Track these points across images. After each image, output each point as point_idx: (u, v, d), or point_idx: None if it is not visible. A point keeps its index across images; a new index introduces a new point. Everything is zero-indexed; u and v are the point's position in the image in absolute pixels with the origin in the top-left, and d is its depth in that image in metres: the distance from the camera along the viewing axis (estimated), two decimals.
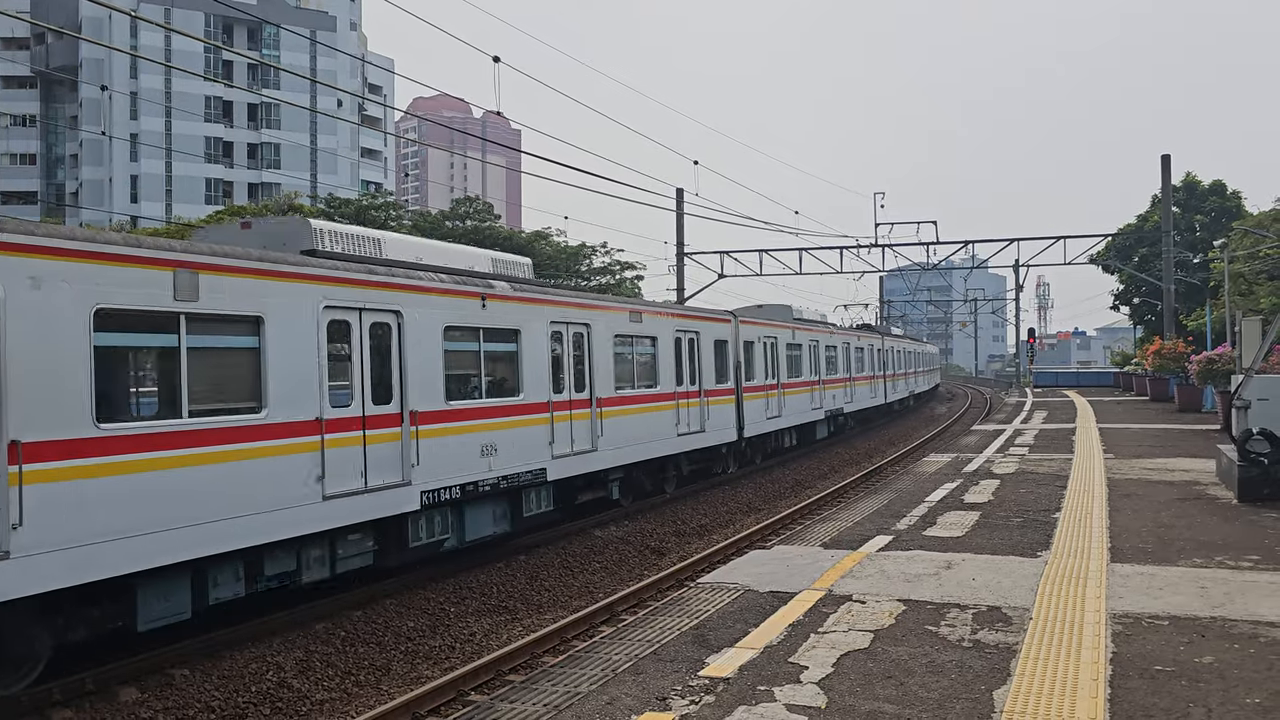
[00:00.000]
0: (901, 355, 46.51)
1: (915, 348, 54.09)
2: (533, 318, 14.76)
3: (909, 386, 48.52)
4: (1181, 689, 6.04)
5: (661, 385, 19.11)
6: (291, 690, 9.19)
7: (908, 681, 6.31)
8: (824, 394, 30.05)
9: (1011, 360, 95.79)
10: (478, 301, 13.56)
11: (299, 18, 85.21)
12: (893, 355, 43.36)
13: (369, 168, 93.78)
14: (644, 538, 16.34)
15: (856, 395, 34.52)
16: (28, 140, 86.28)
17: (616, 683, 6.55)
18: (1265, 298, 33.29)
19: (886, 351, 41.77)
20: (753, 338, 24.36)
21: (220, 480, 9.31)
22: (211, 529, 9.18)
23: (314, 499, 10.37)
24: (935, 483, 16.34)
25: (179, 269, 9.09)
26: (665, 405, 19.20)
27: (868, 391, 36.79)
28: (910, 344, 52.58)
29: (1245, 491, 13.19)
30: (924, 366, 56.22)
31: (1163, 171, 39.27)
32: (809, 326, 29.70)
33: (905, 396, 47.48)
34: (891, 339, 45.64)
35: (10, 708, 8.11)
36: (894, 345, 44.88)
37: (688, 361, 20.46)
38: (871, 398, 37.60)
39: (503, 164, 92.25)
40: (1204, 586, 8.64)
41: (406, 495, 11.78)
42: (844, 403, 32.47)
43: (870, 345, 38.20)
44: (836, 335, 32.69)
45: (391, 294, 11.90)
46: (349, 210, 51.48)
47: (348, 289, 11.18)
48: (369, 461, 11.20)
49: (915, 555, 10.35)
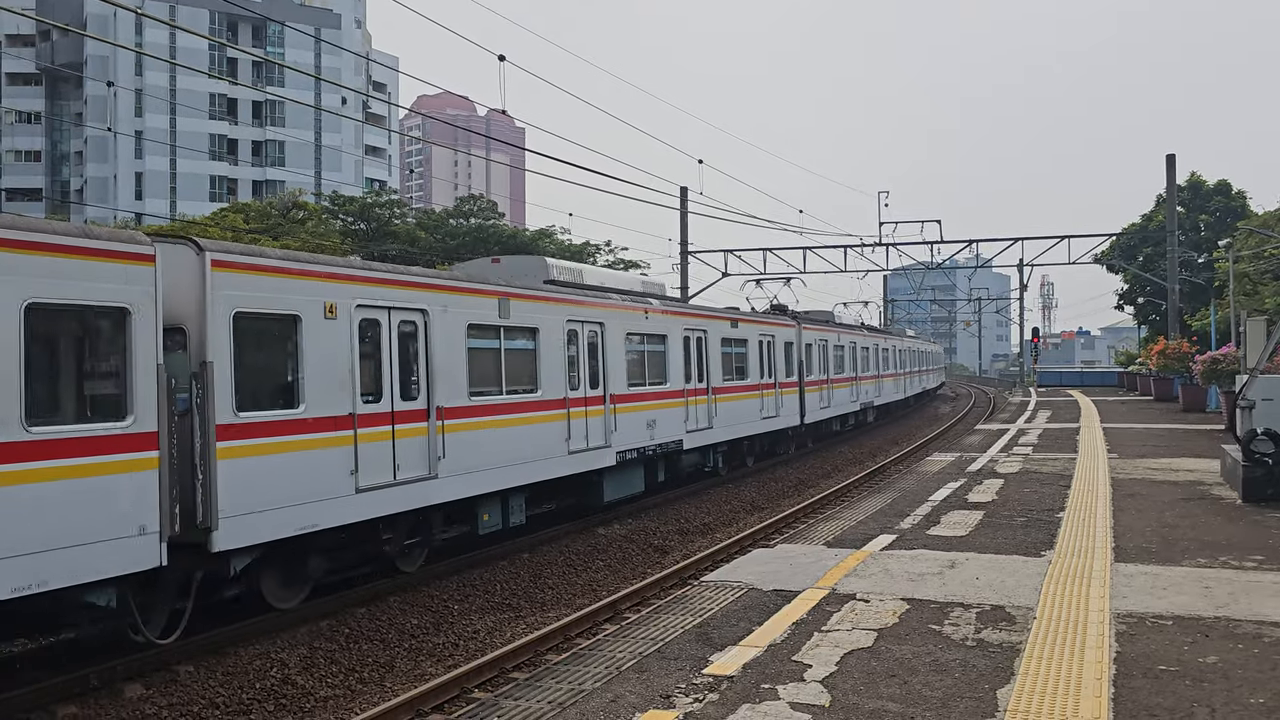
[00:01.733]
0: (914, 355, 50.27)
1: (925, 347, 58.17)
2: (675, 326, 19.74)
3: (922, 383, 53.01)
4: (1185, 689, 6.04)
5: (750, 379, 23.60)
6: (295, 687, 9.21)
7: (911, 680, 6.31)
8: (859, 388, 34.79)
9: (1015, 360, 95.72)
10: (641, 314, 18.48)
11: (304, 15, 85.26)
12: (908, 355, 47.34)
13: (373, 165, 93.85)
14: (647, 536, 16.35)
15: (883, 390, 39.59)
16: (33, 137, 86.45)
17: (620, 680, 6.56)
18: (1270, 298, 33.20)
19: (905, 351, 46.54)
20: (811, 340, 28.78)
21: (520, 437, 14.15)
22: (515, 470, 13.94)
23: (561, 453, 15.24)
24: (939, 482, 16.34)
25: (501, 298, 14.00)
26: (754, 394, 23.69)
27: (891, 386, 41.59)
28: (921, 344, 56.61)
29: (1249, 491, 13.17)
30: (932, 365, 60.22)
31: (1167, 171, 39.20)
32: (848, 330, 34.54)
33: (920, 392, 52.16)
34: (906, 340, 49.82)
35: (15, 704, 8.14)
36: (910, 345, 49.09)
37: (768, 360, 24.86)
38: (894, 392, 42.64)
39: (507, 162, 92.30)
40: (1208, 586, 8.63)
41: (609, 454, 16.61)
42: (874, 396, 37.53)
43: (893, 346, 43.11)
44: (867, 337, 37.03)
45: (665, 318, 19.16)
46: (353, 208, 51.49)
47: (583, 309, 16.33)
48: (589, 429, 16.10)
49: (919, 554, 10.35)
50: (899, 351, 44.60)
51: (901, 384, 45.07)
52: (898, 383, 43.34)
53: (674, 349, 19.47)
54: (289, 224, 47.63)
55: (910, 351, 48.74)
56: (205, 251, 9.48)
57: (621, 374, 17.34)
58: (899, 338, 46.03)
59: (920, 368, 52.35)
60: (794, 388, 26.74)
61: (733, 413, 22.13)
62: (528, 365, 14.79)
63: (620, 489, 17.40)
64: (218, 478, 9.20)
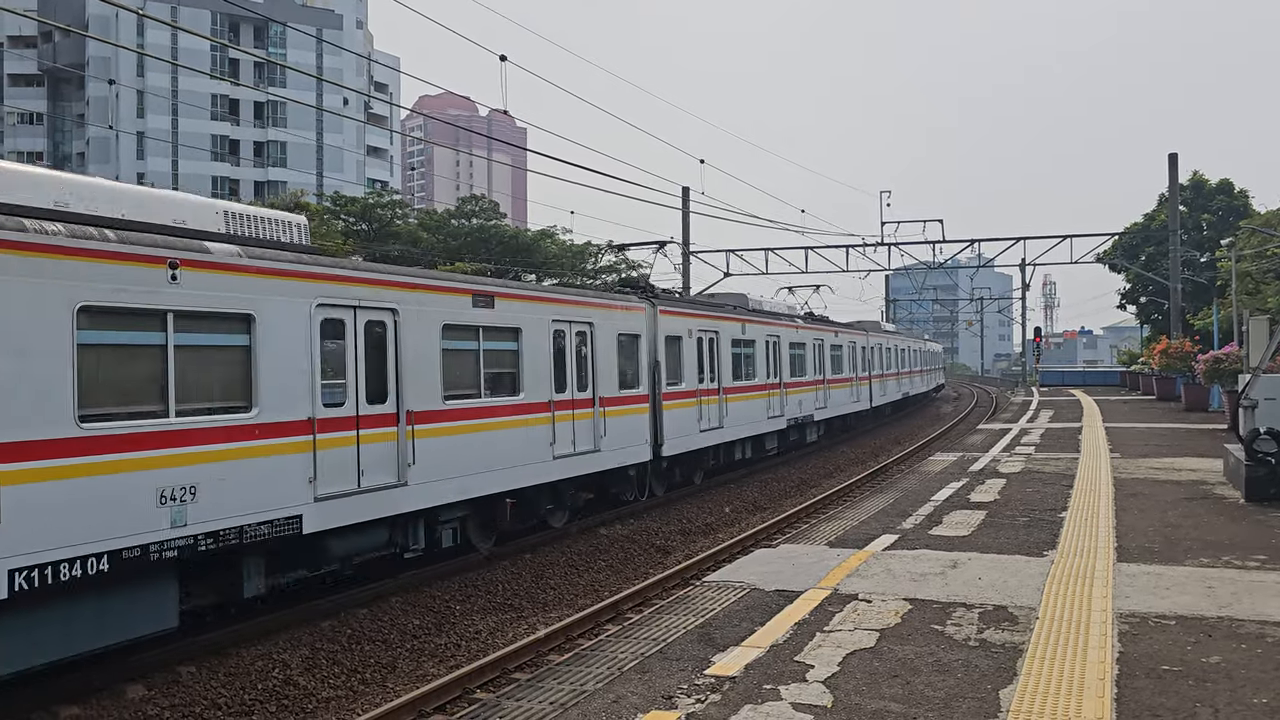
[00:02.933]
0: (891, 353, 44.00)
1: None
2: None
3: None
4: (1188, 689, 6.03)
5: (846, 372, 32.80)
6: (298, 688, 9.21)
7: (914, 681, 6.31)
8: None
9: (1017, 359, 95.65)
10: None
11: (305, 16, 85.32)
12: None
13: (375, 166, 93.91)
14: (649, 536, 16.35)
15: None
16: (35, 138, 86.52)
17: (622, 681, 6.55)
18: (1273, 297, 33.15)
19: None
20: (872, 344, 37.64)
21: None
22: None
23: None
24: (941, 482, 16.32)
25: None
26: (850, 384, 33.07)
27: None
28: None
29: (1252, 491, 13.15)
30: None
31: (1170, 170, 39.15)
32: (886, 336, 42.21)
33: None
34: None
35: (17, 705, 8.14)
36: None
37: (860, 358, 34.88)
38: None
39: (508, 162, 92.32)
40: (1211, 586, 8.62)
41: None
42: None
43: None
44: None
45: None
46: (355, 209, 51.50)
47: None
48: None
49: (921, 554, 10.34)
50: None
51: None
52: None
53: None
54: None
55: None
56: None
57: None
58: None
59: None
60: (865, 380, 32.45)
61: (808, 402, 27.88)
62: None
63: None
64: None
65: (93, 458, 8.15)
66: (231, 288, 9.57)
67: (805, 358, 28.27)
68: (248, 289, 9.74)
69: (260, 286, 9.90)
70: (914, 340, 52.77)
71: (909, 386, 47.63)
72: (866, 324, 39.54)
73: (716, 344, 21.62)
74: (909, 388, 47.61)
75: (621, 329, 17.53)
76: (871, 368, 37.37)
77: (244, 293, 9.69)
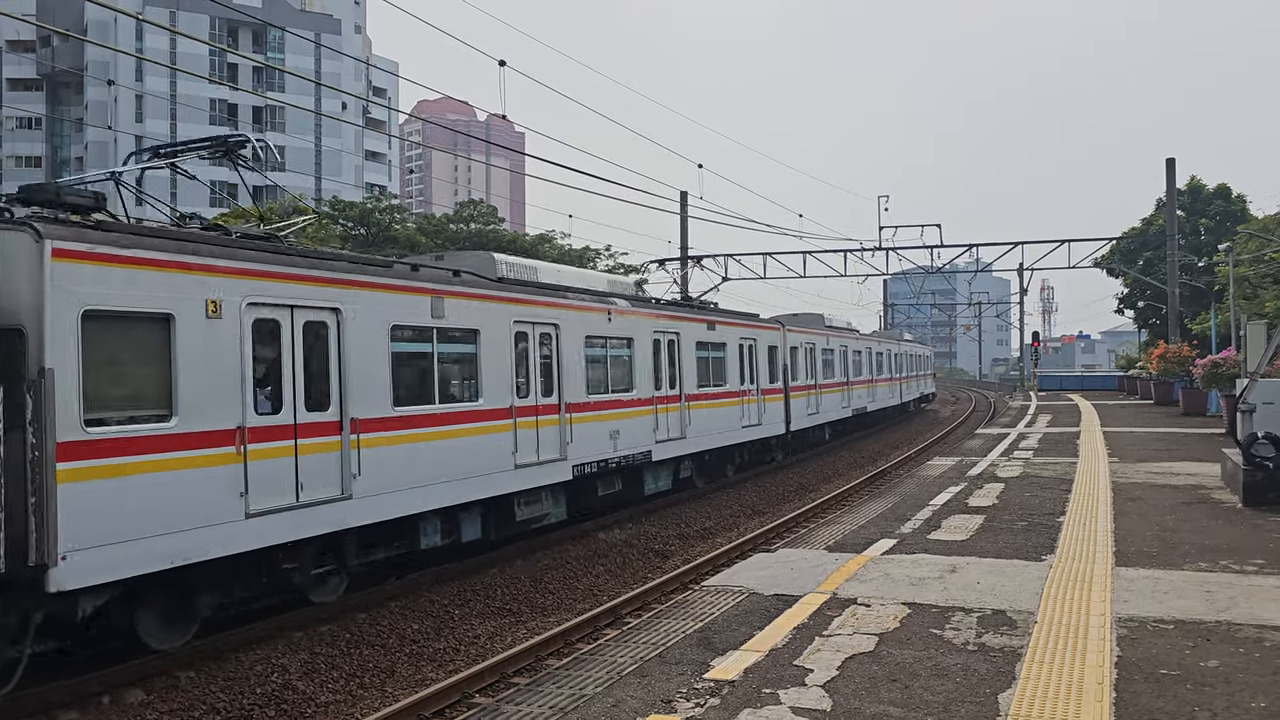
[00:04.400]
0: (846, 358, 37.06)
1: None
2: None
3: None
4: (1187, 693, 6.04)
5: (885, 374, 39.75)
6: (296, 692, 9.21)
7: (913, 685, 6.31)
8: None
9: (1016, 364, 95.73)
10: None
11: (303, 21, 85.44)
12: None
13: (373, 170, 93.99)
14: (648, 540, 16.34)
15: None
16: (33, 142, 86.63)
17: (621, 685, 6.55)
18: (1270, 301, 33.21)
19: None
20: (902, 351, 45.14)
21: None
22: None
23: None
24: (940, 486, 16.33)
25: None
26: (890, 382, 41.09)
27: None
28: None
29: (1250, 495, 13.16)
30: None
31: (1167, 175, 39.22)
32: (904, 343, 47.18)
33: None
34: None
35: (16, 710, 8.13)
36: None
37: (895, 361, 42.49)
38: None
39: (506, 166, 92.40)
40: (1209, 590, 8.63)
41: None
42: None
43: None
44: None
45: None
46: (353, 213, 51.50)
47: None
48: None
49: (920, 559, 10.35)
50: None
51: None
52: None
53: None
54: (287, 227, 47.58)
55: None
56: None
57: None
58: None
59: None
60: (895, 381, 41.23)
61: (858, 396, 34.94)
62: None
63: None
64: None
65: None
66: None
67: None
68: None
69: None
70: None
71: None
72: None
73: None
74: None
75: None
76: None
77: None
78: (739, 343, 23.00)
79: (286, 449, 10.16)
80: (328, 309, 10.92)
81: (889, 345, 43.10)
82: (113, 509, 8.38)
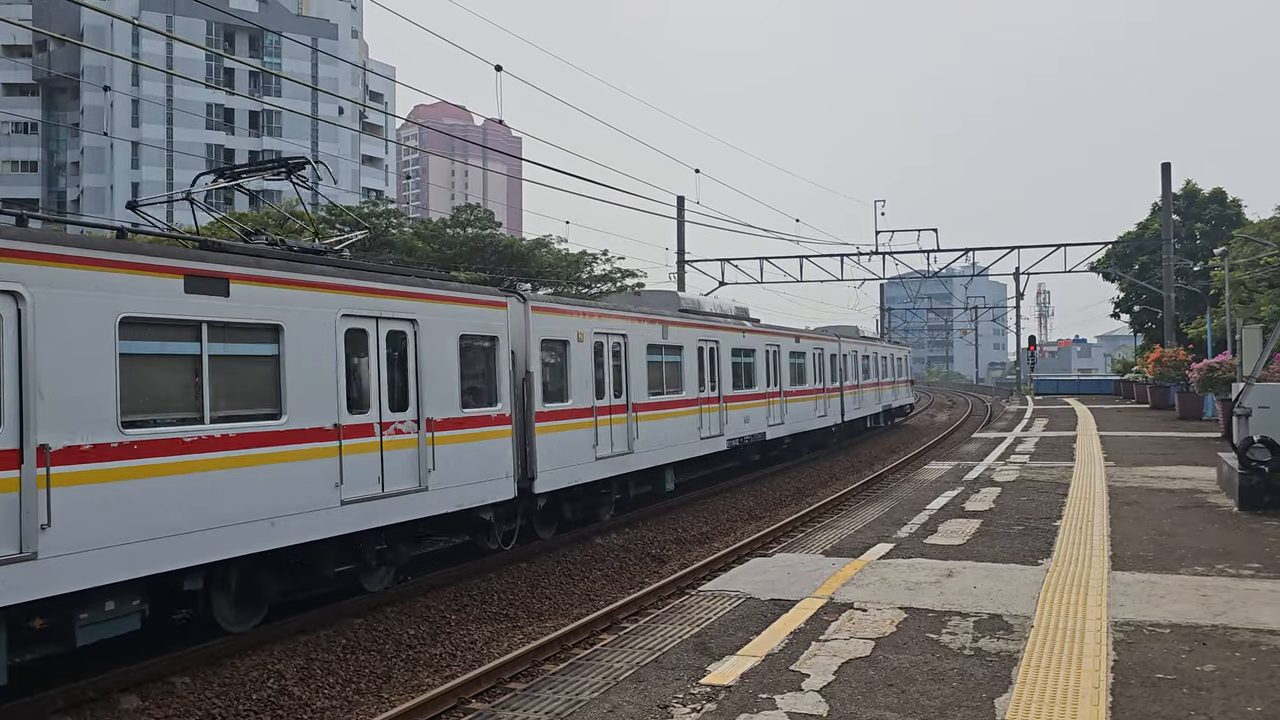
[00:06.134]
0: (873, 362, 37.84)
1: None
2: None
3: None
4: (1183, 697, 6.04)
5: (881, 378, 39.27)
6: (292, 698, 9.19)
7: (909, 689, 6.31)
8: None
9: (1012, 368, 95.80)
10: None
11: (300, 25, 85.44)
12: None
13: (370, 175, 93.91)
14: (645, 545, 16.33)
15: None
16: (29, 147, 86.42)
17: (618, 690, 6.55)
18: (1265, 305, 33.29)
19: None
20: (901, 354, 44.87)
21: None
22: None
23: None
24: (936, 490, 16.34)
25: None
26: (886, 386, 40.17)
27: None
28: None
29: (1246, 499, 13.18)
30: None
31: (1163, 179, 39.33)
32: (891, 348, 45.52)
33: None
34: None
35: (11, 716, 8.10)
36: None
37: (893, 367, 42.53)
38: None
39: (503, 171, 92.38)
40: (1205, 594, 8.64)
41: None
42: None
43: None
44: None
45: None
46: (350, 218, 51.50)
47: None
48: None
49: (916, 563, 10.35)
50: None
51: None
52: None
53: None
54: (286, 233, 47.64)
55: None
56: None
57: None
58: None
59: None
60: (896, 384, 45.23)
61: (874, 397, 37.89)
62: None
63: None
64: None
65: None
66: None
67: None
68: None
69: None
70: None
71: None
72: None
73: None
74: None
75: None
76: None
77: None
78: (814, 352, 29.72)
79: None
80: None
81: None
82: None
